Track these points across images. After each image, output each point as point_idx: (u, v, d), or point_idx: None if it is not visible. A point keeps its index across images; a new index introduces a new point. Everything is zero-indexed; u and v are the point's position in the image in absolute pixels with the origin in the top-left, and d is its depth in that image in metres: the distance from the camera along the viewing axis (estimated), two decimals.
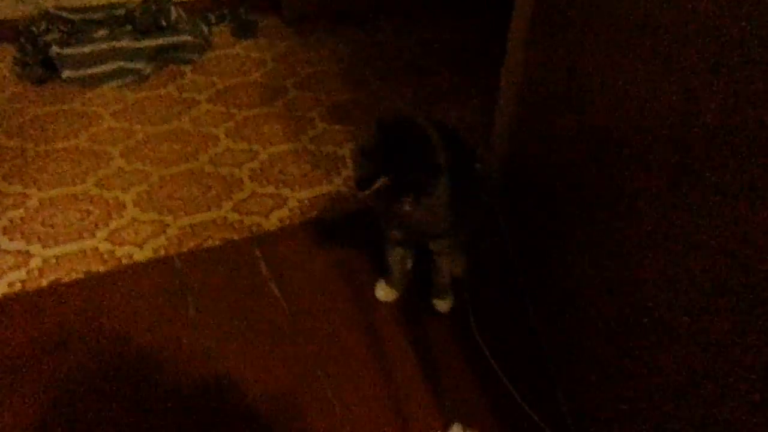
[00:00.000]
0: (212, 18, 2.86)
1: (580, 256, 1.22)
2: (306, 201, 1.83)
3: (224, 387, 1.30)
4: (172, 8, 2.59)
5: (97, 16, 2.62)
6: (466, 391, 1.32)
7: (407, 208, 1.26)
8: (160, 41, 2.49)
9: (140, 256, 1.62)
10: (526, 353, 1.40)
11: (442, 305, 1.49)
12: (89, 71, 2.35)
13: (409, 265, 1.51)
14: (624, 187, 1.02)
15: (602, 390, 1.13)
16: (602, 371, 1.13)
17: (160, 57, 2.50)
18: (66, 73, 2.33)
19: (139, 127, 2.14)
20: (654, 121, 0.92)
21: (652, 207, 0.93)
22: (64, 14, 2.56)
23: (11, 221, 1.70)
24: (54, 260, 1.58)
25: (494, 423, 1.25)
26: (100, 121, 2.16)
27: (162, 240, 1.67)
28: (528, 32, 1.49)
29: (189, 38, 2.55)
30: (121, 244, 1.65)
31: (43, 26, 2.47)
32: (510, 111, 1.66)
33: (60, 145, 2.02)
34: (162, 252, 1.63)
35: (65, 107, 2.22)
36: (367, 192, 1.22)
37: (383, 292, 1.50)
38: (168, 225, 1.72)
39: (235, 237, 1.69)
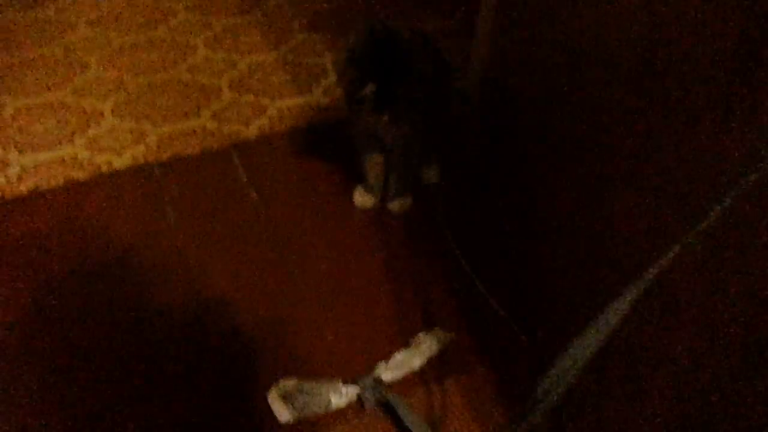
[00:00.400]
0: None
1: (550, 166, 1.24)
2: (286, 110, 1.82)
3: (204, 295, 1.33)
4: None
5: None
6: (439, 290, 1.36)
7: (386, 120, 1.27)
8: None
9: (119, 163, 1.62)
10: (497, 257, 1.44)
11: (400, 204, 1.52)
12: None
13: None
14: (592, 101, 1.03)
15: (565, 291, 1.17)
16: (565, 274, 1.17)
17: None
18: None
19: (115, 35, 2.09)
20: (624, 37, 0.91)
21: (618, 120, 0.94)
22: None
23: None
24: (32, 167, 1.58)
25: (469, 324, 1.30)
26: (74, 29, 2.10)
27: (141, 148, 1.67)
28: None
29: None
30: (100, 152, 1.65)
31: None
32: (490, 23, 1.63)
33: (34, 54, 1.97)
34: (141, 160, 1.63)
35: (38, 15, 2.16)
36: (356, 97, 1.22)
37: (361, 199, 1.52)
38: (147, 133, 1.71)
39: (214, 145, 1.69)
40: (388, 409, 1.11)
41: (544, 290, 1.29)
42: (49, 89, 1.83)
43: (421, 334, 1.21)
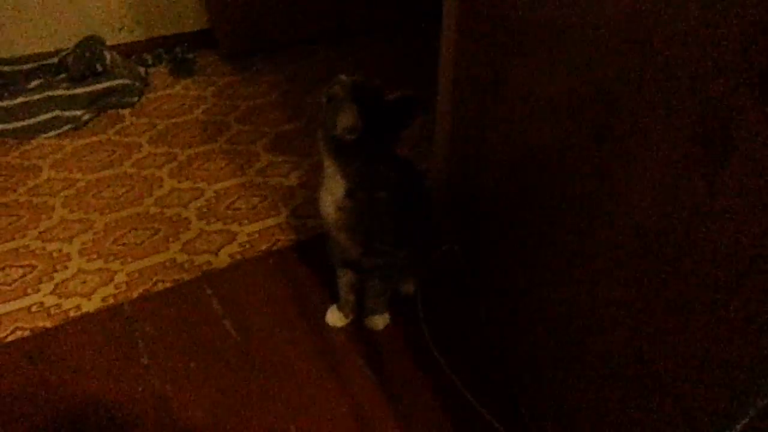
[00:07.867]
0: (149, 59, 2.85)
1: (523, 263, 1.26)
2: (256, 234, 1.82)
3: None
4: (106, 53, 2.57)
5: (29, 66, 2.58)
6: (428, 407, 1.33)
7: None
8: (96, 87, 2.46)
9: (88, 306, 1.58)
10: (483, 363, 1.42)
11: (376, 322, 1.50)
12: (24, 123, 2.30)
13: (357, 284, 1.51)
14: (550, 193, 1.06)
15: (557, 394, 1.15)
16: (555, 376, 1.15)
17: (98, 103, 2.47)
18: None
19: (79, 175, 2.11)
20: (571, 130, 0.96)
21: (576, 212, 0.96)
22: None
23: None
24: None
25: None
26: (38, 172, 2.12)
27: (110, 288, 1.64)
28: (455, 51, 1.53)
29: (126, 81, 2.53)
30: (67, 297, 1.61)
31: None
32: (446, 127, 1.70)
33: None
34: (111, 300, 1.60)
35: (1, 161, 2.17)
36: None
37: (333, 317, 1.51)
38: (116, 272, 1.69)
39: (186, 277, 1.67)
40: None
41: (532, 393, 1.27)
42: (13, 237, 1.81)
43: None
